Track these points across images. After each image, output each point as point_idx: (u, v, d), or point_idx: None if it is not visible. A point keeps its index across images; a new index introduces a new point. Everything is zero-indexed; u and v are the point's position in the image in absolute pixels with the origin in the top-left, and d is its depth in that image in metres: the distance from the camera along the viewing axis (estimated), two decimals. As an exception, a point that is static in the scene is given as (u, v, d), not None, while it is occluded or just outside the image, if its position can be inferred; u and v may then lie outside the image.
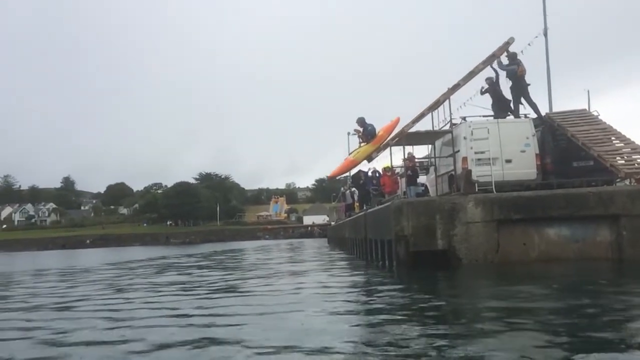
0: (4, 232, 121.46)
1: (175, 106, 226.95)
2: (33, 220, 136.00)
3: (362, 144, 16.70)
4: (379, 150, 16.79)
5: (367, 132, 16.75)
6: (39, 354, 5.28)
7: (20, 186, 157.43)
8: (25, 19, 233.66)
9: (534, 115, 15.10)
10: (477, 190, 12.77)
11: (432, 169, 16.82)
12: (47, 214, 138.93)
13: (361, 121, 16.91)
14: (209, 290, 10.79)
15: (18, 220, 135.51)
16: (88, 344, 5.57)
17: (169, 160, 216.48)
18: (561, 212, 11.69)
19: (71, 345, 5.51)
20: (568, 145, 14.17)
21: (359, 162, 16.92)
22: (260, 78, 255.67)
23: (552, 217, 11.78)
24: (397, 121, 16.54)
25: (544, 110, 15.87)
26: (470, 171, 13.13)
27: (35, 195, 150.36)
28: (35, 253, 68.86)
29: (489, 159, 13.34)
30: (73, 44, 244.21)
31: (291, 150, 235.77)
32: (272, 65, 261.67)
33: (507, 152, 13.73)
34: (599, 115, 14.87)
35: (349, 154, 17.53)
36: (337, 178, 15.51)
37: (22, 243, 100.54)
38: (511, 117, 15.12)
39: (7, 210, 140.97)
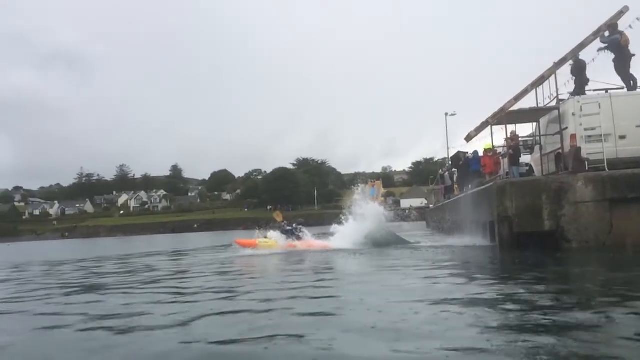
0: (121, 217, 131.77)
1: (272, 95, 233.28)
2: (146, 206, 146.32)
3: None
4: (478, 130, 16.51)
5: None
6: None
7: (134, 175, 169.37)
8: (131, 12, 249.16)
9: None
10: (587, 168, 12.19)
11: (537, 147, 16.17)
12: (158, 201, 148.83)
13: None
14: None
15: (133, 207, 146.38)
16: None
17: (267, 146, 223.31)
18: (683, 190, 10.92)
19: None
20: (691, 118, 13.09)
21: (260, 248, 17.70)
22: (358, 63, 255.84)
23: (672, 196, 11.03)
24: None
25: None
26: (579, 149, 12.57)
27: (148, 183, 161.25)
28: (151, 237, 73.77)
29: (601, 135, 12.67)
30: (179, 34, 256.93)
31: (387, 133, 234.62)
32: (370, 48, 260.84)
33: (621, 128, 12.96)
34: None
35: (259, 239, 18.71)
36: None
37: (137, 227, 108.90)
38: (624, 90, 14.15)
39: (124, 197, 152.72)
